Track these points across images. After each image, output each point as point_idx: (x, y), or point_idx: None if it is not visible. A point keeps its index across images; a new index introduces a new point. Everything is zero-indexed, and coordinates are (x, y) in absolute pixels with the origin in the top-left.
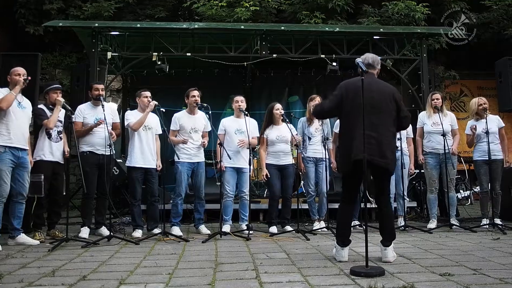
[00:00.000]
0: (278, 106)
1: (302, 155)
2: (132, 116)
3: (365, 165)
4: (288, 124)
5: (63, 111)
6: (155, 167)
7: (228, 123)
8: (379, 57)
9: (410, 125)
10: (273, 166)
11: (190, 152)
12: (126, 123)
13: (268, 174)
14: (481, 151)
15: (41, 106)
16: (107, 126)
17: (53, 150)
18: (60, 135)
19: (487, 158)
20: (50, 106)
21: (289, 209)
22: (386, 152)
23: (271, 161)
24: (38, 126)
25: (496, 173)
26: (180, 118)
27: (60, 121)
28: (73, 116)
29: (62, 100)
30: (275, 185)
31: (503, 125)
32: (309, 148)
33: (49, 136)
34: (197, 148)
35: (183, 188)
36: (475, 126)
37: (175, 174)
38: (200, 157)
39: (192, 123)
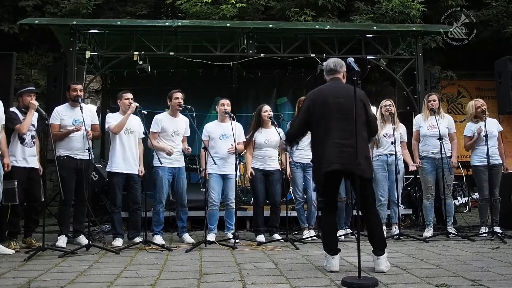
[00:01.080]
0: (266, 108)
1: (290, 160)
2: (113, 119)
3: (357, 173)
4: (276, 128)
5: (36, 114)
6: (137, 172)
7: (212, 128)
8: (372, 56)
9: (405, 128)
10: (258, 170)
11: (171, 157)
12: (106, 126)
13: (253, 173)
14: (482, 155)
15: (13, 109)
16: (85, 129)
17: (26, 155)
18: (33, 140)
19: (487, 163)
20: (23, 109)
21: (278, 217)
22: (360, 159)
23: (256, 165)
24: (10, 130)
25: (496, 179)
26: (162, 120)
27: (33, 125)
28: (46, 121)
29: (36, 103)
30: (258, 190)
31: (501, 129)
32: (296, 153)
33: (22, 140)
34: (178, 153)
35: (164, 195)
36: (481, 128)
37: (155, 179)
38: (181, 162)
39: (174, 126)
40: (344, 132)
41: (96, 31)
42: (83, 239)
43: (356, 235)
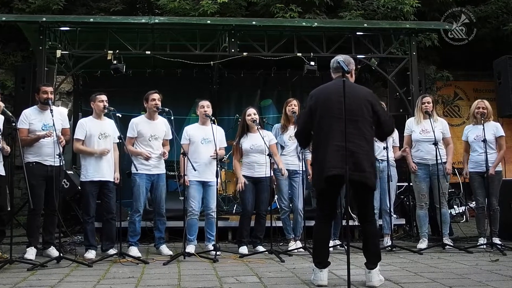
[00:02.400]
0: (250, 111)
1: (275, 167)
2: (82, 129)
3: (347, 180)
4: (261, 131)
5: (2, 117)
6: (112, 180)
7: (192, 132)
8: (363, 56)
9: (397, 133)
10: (247, 178)
11: (149, 163)
12: (74, 136)
13: (246, 182)
14: (475, 162)
15: None
16: (56, 134)
17: None
18: None
19: (483, 170)
20: None
21: (262, 227)
22: (363, 164)
23: (245, 173)
24: None
25: (492, 187)
26: (138, 123)
27: None
28: (14, 125)
29: (2, 105)
30: (247, 199)
31: (503, 134)
32: (281, 158)
33: None
34: (157, 158)
35: (141, 204)
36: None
37: (132, 187)
38: (161, 169)
39: (151, 129)
40: (348, 135)
41: (67, 28)
42: (53, 251)
43: (346, 247)
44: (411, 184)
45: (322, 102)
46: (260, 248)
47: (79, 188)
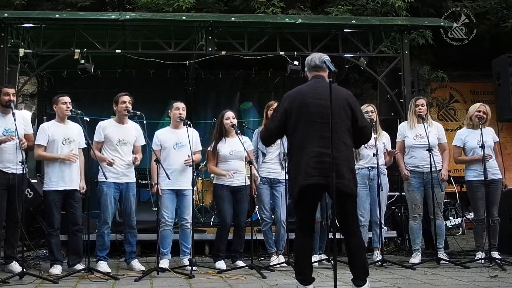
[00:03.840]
0: (229, 114)
1: (257, 175)
2: (44, 134)
3: (333, 190)
4: (240, 136)
5: None
6: (78, 188)
7: (164, 136)
8: (351, 55)
9: (389, 138)
10: (225, 187)
11: (118, 171)
12: (36, 142)
13: (231, 174)
14: (477, 169)
15: None
16: (18, 138)
17: None
18: None
19: (484, 178)
20: None
21: (242, 240)
22: (341, 171)
23: (223, 181)
24: None
25: (494, 197)
26: (106, 127)
27: None
28: None
29: None
30: (225, 210)
31: (497, 139)
32: (263, 166)
33: None
34: (127, 166)
35: (109, 215)
36: (490, 155)
37: (99, 197)
38: (130, 177)
39: (120, 134)
40: (326, 139)
41: (31, 25)
42: (15, 266)
43: (332, 262)
44: (403, 193)
45: (298, 105)
46: (240, 263)
47: (42, 198)
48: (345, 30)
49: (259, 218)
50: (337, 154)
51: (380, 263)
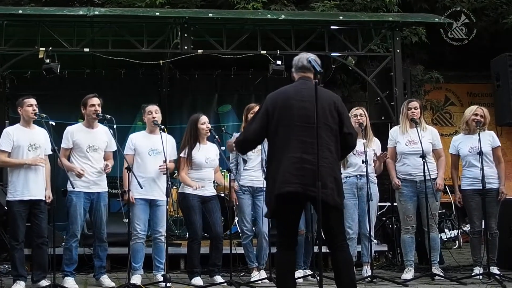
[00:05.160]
0: (204, 119)
1: (235, 183)
2: (7, 139)
3: (319, 200)
4: (216, 143)
5: None
6: (43, 198)
7: (139, 141)
8: (338, 54)
9: (379, 144)
10: (195, 197)
11: (88, 179)
12: None
13: (198, 186)
14: (471, 178)
15: None
16: None
17: None
18: None
19: (480, 187)
20: None
21: (220, 253)
22: (325, 180)
23: (193, 190)
24: None
25: (491, 207)
26: (75, 132)
27: None
28: None
29: None
30: (196, 222)
31: (499, 144)
32: (244, 174)
33: None
34: (97, 174)
35: (78, 227)
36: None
37: (68, 208)
38: (101, 186)
39: (90, 139)
40: (307, 145)
41: None
42: None
43: (318, 278)
44: (395, 203)
45: (281, 107)
46: (218, 279)
47: (6, 208)
48: (332, 27)
49: (239, 230)
50: (320, 161)
51: (369, 279)
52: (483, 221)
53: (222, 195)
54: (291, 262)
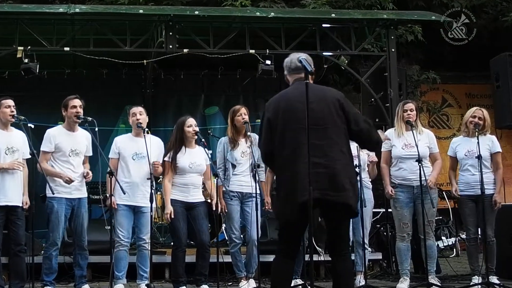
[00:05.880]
0: (191, 121)
1: (223, 189)
2: None
3: (311, 206)
4: (204, 147)
5: None
6: (20, 204)
7: (123, 144)
8: (330, 53)
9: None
10: (179, 203)
11: (69, 185)
12: None
13: (172, 214)
14: (464, 182)
15: None
16: None
17: None
18: None
19: (475, 193)
20: None
21: (207, 262)
22: (342, 182)
23: (177, 196)
24: None
25: (487, 213)
26: (57, 136)
27: None
28: None
29: None
30: (180, 229)
31: (499, 150)
32: (233, 179)
33: None
34: (79, 179)
35: (59, 234)
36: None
37: (48, 214)
38: (82, 191)
39: (71, 143)
40: (318, 148)
41: None
42: None
43: (309, 287)
44: (390, 210)
45: (284, 112)
46: None
47: None
48: (324, 25)
49: (227, 238)
50: (333, 163)
51: None
52: (479, 228)
53: (209, 201)
54: (290, 271)
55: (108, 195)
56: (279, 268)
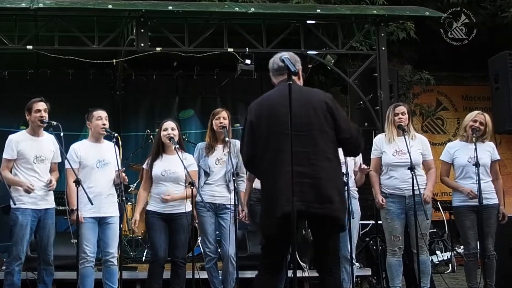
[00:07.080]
0: (167, 125)
1: (197, 199)
2: None
3: (294, 219)
4: (179, 153)
5: None
6: None
7: (84, 152)
8: (315, 52)
9: (360, 156)
10: (157, 214)
11: (36, 194)
12: None
13: (137, 223)
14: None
15: None
16: None
17: None
18: None
19: (475, 204)
20: None
21: (181, 279)
22: (329, 193)
23: (154, 207)
24: None
25: (487, 226)
26: (20, 142)
27: None
28: None
29: None
30: (158, 243)
31: (498, 157)
32: (205, 188)
33: None
34: (45, 188)
35: (23, 248)
36: (473, 193)
37: (11, 227)
38: (49, 201)
39: (36, 149)
40: (302, 156)
41: None
42: None
43: None
44: (380, 222)
45: (267, 116)
46: None
47: None
48: (308, 22)
49: (202, 252)
50: (318, 173)
51: None
52: (478, 242)
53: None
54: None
55: (74, 209)
56: (262, 284)
